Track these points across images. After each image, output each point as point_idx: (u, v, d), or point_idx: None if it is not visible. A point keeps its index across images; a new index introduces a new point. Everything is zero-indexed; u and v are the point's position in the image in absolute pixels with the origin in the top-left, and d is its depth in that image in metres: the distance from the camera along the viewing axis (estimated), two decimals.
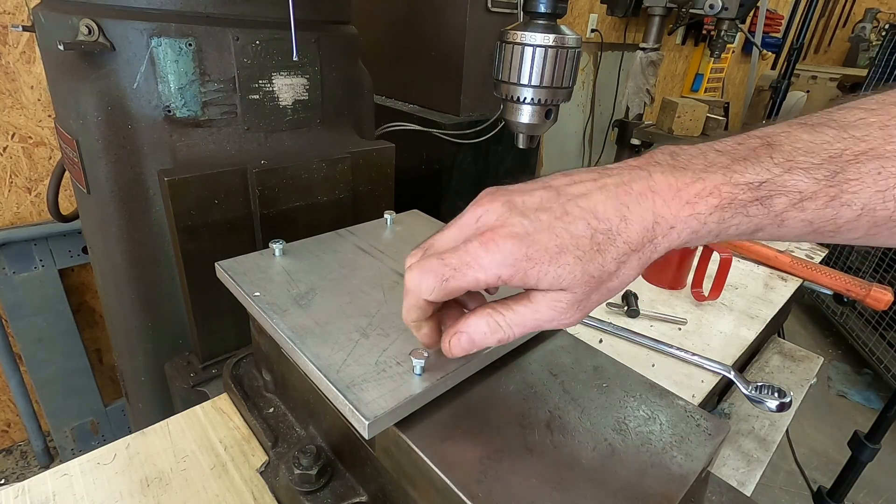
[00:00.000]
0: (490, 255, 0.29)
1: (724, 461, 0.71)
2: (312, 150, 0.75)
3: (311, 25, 0.71)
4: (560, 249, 0.29)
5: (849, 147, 0.26)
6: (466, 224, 0.32)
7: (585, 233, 0.29)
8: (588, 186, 0.30)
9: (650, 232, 0.29)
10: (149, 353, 0.76)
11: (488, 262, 0.29)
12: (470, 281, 0.30)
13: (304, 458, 0.45)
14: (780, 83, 2.05)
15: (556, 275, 0.29)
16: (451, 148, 1.29)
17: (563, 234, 0.29)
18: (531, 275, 0.29)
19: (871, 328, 2.34)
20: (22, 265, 1.26)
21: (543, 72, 0.64)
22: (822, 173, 0.26)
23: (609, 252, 0.29)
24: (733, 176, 0.28)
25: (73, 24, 0.59)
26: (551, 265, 0.29)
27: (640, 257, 0.30)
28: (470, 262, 0.30)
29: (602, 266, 0.29)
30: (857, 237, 0.28)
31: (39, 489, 0.48)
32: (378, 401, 0.34)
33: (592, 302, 0.31)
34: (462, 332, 0.32)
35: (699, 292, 0.89)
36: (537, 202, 0.31)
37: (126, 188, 0.66)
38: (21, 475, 1.47)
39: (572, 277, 0.29)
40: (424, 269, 0.31)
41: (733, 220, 0.28)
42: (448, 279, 0.30)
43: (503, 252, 0.29)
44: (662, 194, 0.29)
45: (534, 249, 0.29)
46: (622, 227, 0.29)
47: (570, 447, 0.35)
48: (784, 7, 4.03)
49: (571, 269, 0.29)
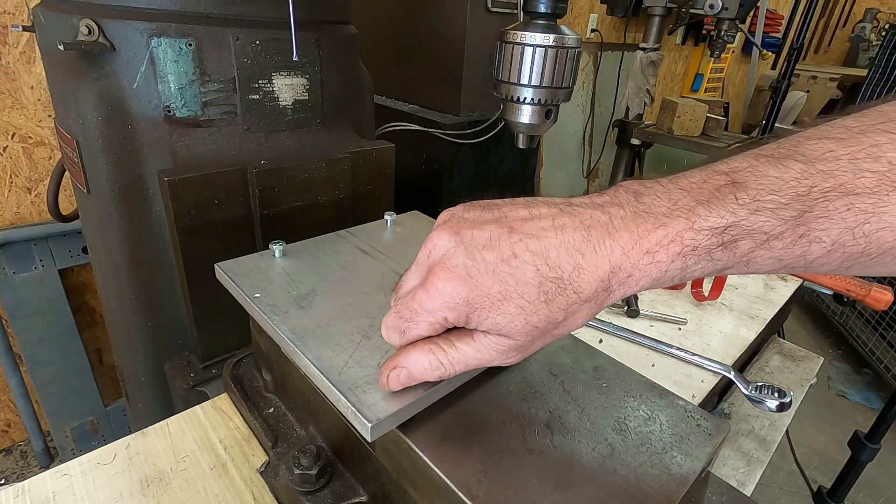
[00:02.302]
0: (432, 301, 0.30)
1: (724, 461, 0.71)
2: (312, 150, 0.75)
3: (311, 25, 0.71)
4: (502, 297, 0.28)
5: (817, 184, 0.25)
6: (421, 261, 0.32)
7: (533, 279, 0.28)
8: (544, 224, 0.29)
9: (604, 283, 0.28)
10: (149, 353, 0.76)
11: (433, 307, 0.30)
12: (424, 327, 0.31)
13: (304, 458, 0.45)
14: (780, 83, 2.05)
15: (495, 322, 0.29)
16: (451, 148, 1.29)
17: (507, 279, 0.28)
18: (472, 318, 0.29)
19: (871, 328, 2.34)
20: (22, 265, 1.26)
21: (543, 72, 0.64)
22: (790, 213, 0.25)
23: (556, 302, 0.28)
24: (696, 221, 0.26)
25: (73, 24, 0.59)
26: (491, 311, 0.28)
27: (591, 307, 0.29)
28: (417, 310, 0.30)
29: (548, 317, 0.28)
30: (832, 269, 0.27)
31: (39, 489, 0.48)
32: (381, 403, 0.34)
33: (535, 347, 0.31)
34: (402, 368, 0.32)
35: (699, 292, 0.89)
36: (486, 239, 0.29)
37: (126, 188, 0.66)
38: (21, 475, 1.47)
39: (512, 327, 0.29)
40: (387, 324, 0.33)
41: (696, 265, 0.27)
42: (405, 331, 0.32)
43: (444, 296, 0.29)
44: (622, 243, 0.27)
45: (475, 294, 0.28)
46: (574, 276, 0.28)
47: (570, 447, 0.35)
48: (784, 7, 4.03)
49: (512, 319, 0.28)
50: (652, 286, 0.29)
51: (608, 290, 0.28)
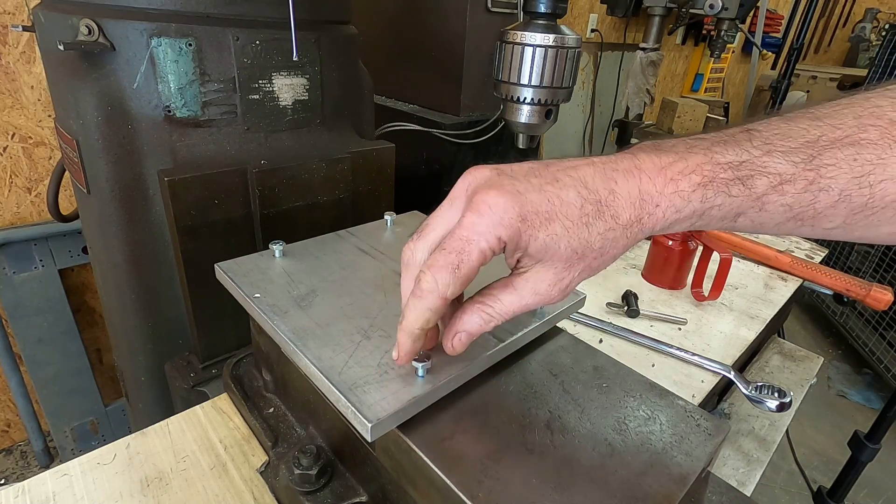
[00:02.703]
0: (484, 220, 0.29)
1: (724, 461, 0.71)
2: (312, 150, 0.75)
3: (311, 25, 0.71)
4: (549, 216, 0.29)
5: (824, 133, 0.27)
6: (457, 195, 0.32)
7: (576, 201, 0.29)
8: (577, 161, 0.31)
9: (636, 209, 0.29)
10: (149, 353, 0.76)
11: (485, 227, 0.29)
12: (477, 256, 0.29)
13: (304, 458, 0.45)
14: (780, 83, 2.05)
15: (543, 243, 0.29)
16: (451, 148, 1.29)
17: (553, 199, 0.29)
18: (523, 238, 0.29)
19: (871, 328, 2.34)
20: (22, 265, 1.26)
21: (543, 72, 0.64)
22: (800, 156, 0.27)
23: (595, 226, 0.29)
24: (714, 156, 0.28)
25: (73, 24, 0.59)
26: (541, 230, 0.29)
27: (627, 236, 0.30)
28: (469, 237, 0.29)
29: (587, 241, 0.29)
30: (836, 226, 0.28)
31: (39, 489, 0.48)
32: (381, 403, 0.34)
33: (574, 280, 0.31)
34: (461, 332, 0.33)
35: (699, 292, 0.89)
36: (527, 169, 0.31)
37: (126, 188, 0.66)
38: (21, 475, 1.47)
39: (556, 249, 0.29)
40: (434, 267, 0.30)
41: (716, 199, 0.28)
42: (458, 265, 0.29)
43: (497, 211, 0.28)
44: (648, 171, 0.29)
45: (526, 209, 0.28)
46: (610, 199, 0.29)
47: (570, 447, 0.35)
48: (784, 7, 4.03)
49: (558, 240, 0.29)
50: (676, 220, 0.29)
51: (640, 219, 0.29)
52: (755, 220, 0.29)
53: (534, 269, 0.31)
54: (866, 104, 0.27)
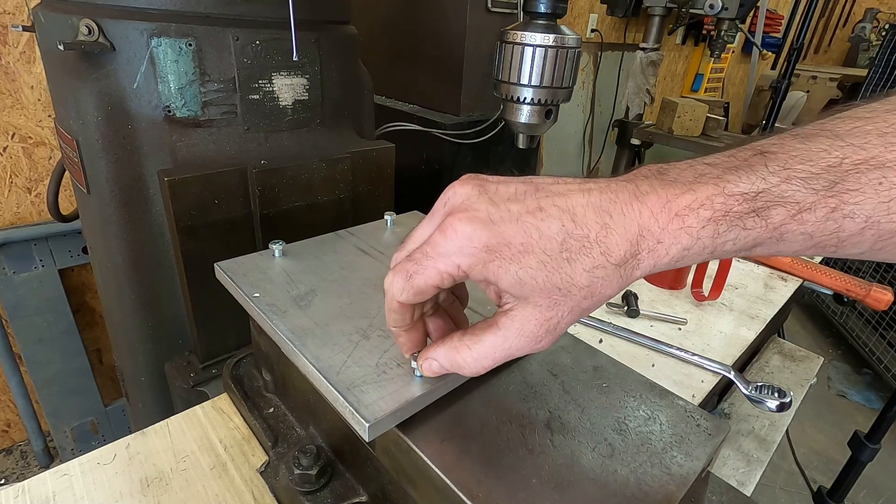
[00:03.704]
0: (448, 242, 0.27)
1: (724, 461, 0.71)
2: (312, 150, 0.75)
3: (311, 25, 0.71)
4: (524, 249, 0.27)
5: (847, 155, 0.24)
6: (436, 210, 0.31)
7: (557, 235, 0.27)
8: (570, 187, 0.28)
9: (634, 245, 0.27)
10: (149, 353, 0.76)
11: (447, 249, 0.27)
12: (432, 273, 0.28)
13: (304, 458, 0.45)
14: (780, 83, 2.05)
15: (516, 276, 0.27)
16: (451, 148, 1.29)
17: (531, 231, 0.27)
18: (490, 269, 0.27)
19: (871, 328, 2.34)
20: (22, 265, 1.27)
21: (543, 72, 0.64)
22: (821, 183, 0.24)
23: (580, 262, 0.27)
24: (726, 186, 0.25)
25: (73, 24, 0.59)
26: (513, 263, 0.27)
27: (621, 275, 0.27)
28: (430, 253, 0.28)
29: (570, 278, 0.27)
30: (862, 251, 0.26)
31: (39, 489, 0.48)
32: (378, 403, 0.34)
33: (563, 320, 0.29)
34: (433, 360, 0.33)
35: (699, 292, 0.89)
36: (511, 192, 0.29)
37: (126, 188, 0.66)
38: (21, 475, 1.47)
39: (534, 284, 0.27)
40: (394, 270, 0.30)
41: (729, 233, 0.26)
42: (412, 275, 0.29)
43: (461, 237, 0.27)
44: (650, 205, 0.26)
45: (496, 241, 0.27)
46: (602, 236, 0.27)
47: (570, 447, 0.35)
48: (784, 7, 4.03)
49: (534, 275, 0.27)
50: (682, 257, 0.27)
51: (637, 255, 0.27)
52: (772, 249, 0.27)
53: (519, 308, 0.29)
54: (890, 118, 0.24)
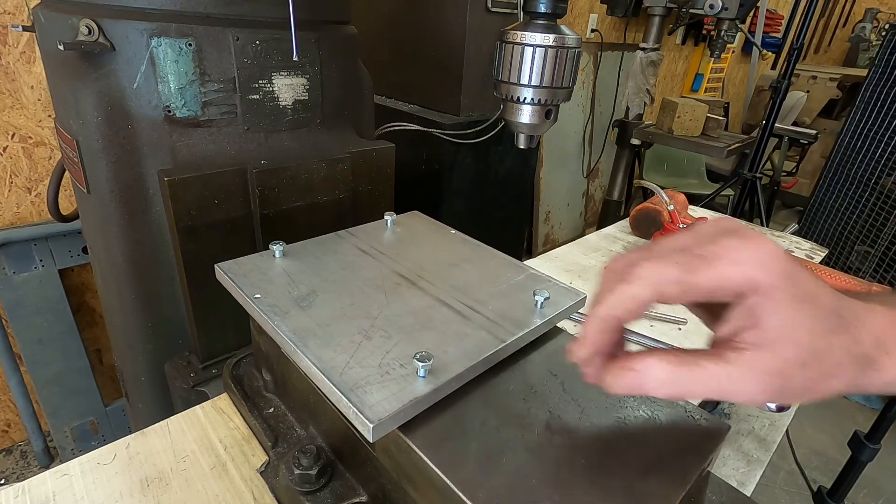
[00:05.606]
0: (748, 251, 0.24)
1: (724, 461, 0.71)
2: (312, 150, 0.75)
3: (311, 25, 0.71)
4: (806, 296, 0.25)
5: None
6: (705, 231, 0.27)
7: (829, 303, 0.26)
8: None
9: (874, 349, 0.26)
10: (149, 353, 0.76)
11: (746, 257, 0.24)
12: (715, 277, 0.25)
13: (304, 458, 0.45)
14: (780, 83, 2.05)
15: (791, 317, 0.25)
16: (451, 148, 1.29)
17: (811, 287, 0.25)
18: (768, 299, 0.25)
19: None
20: (22, 265, 1.26)
21: (543, 72, 0.64)
22: None
23: (838, 337, 0.25)
24: None
25: (73, 24, 0.59)
26: (792, 303, 0.24)
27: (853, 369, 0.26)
28: (719, 252, 0.25)
29: (828, 345, 0.25)
30: None
31: (39, 489, 0.48)
32: (382, 403, 0.34)
33: (796, 388, 0.25)
34: (634, 371, 0.27)
35: None
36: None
37: (126, 188, 0.66)
38: (21, 475, 1.47)
39: (796, 335, 0.24)
40: (663, 259, 0.25)
41: None
42: (694, 270, 0.25)
43: (763, 250, 0.25)
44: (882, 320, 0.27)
45: (789, 270, 0.25)
46: (854, 325, 0.26)
47: (570, 447, 0.35)
48: (784, 7, 4.03)
49: (803, 322, 0.25)
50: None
51: (872, 358, 0.26)
52: None
53: (754, 351, 0.25)
54: None
